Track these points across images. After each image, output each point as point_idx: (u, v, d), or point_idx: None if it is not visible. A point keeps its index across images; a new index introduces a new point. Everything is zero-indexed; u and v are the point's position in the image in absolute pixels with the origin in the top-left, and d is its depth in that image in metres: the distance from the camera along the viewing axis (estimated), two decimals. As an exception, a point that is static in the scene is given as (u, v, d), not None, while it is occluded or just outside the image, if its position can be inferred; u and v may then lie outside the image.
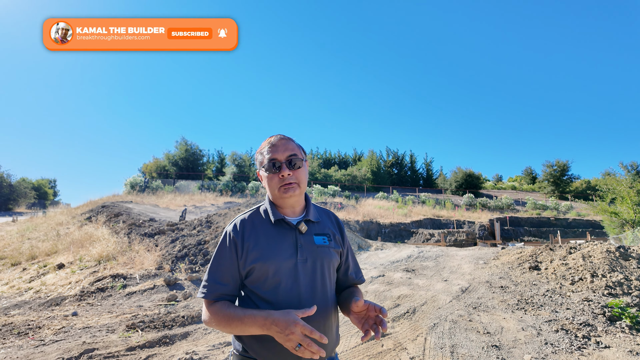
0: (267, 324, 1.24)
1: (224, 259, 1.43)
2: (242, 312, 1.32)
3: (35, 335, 4.99)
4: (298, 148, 1.52)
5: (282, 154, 1.45)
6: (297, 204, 1.53)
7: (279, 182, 1.44)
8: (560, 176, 41.88)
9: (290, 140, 1.53)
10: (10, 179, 39.74)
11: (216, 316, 1.36)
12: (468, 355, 3.84)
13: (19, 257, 11.52)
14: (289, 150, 1.47)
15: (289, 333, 1.19)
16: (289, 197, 1.45)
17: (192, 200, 25.09)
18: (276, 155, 1.45)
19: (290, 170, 1.44)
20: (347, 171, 41.09)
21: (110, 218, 15.55)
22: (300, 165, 1.48)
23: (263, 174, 1.50)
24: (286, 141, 1.50)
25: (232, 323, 1.32)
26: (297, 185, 1.46)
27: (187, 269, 8.57)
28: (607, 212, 16.54)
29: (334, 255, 1.53)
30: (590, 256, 7.51)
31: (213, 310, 1.38)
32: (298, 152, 1.50)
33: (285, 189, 1.44)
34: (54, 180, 62.95)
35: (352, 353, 3.97)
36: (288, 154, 1.46)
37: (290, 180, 1.44)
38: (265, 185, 1.50)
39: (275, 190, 1.46)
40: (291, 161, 1.45)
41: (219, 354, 4.07)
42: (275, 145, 1.47)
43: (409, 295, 6.37)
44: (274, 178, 1.45)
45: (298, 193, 1.47)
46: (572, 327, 4.54)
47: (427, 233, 18.68)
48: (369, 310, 1.35)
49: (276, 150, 1.46)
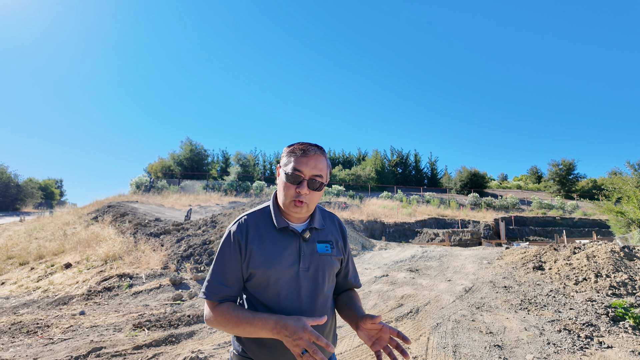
0: (278, 328, 1.22)
1: (227, 259, 1.40)
2: (252, 315, 1.30)
3: (44, 334, 5.08)
4: (327, 169, 1.45)
5: (310, 170, 1.37)
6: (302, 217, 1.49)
7: (294, 195, 1.39)
8: (566, 175, 41.63)
9: (324, 157, 1.44)
10: (17, 179, 40.20)
11: (223, 317, 1.34)
12: (470, 355, 3.87)
13: (27, 257, 11.67)
14: (317, 170, 1.39)
15: (297, 338, 1.18)
16: (296, 212, 1.41)
17: (197, 200, 25.22)
18: (304, 168, 1.37)
19: (308, 190, 1.38)
20: (351, 171, 41.02)
21: (116, 218, 15.68)
22: (320, 188, 1.42)
23: (282, 177, 1.43)
24: (319, 157, 1.41)
25: (240, 325, 1.30)
26: (306, 206, 1.40)
27: (193, 269, 8.64)
28: (613, 211, 16.42)
29: (335, 263, 1.51)
30: (595, 256, 7.49)
31: (219, 312, 1.35)
32: (325, 174, 1.43)
33: (295, 205, 1.39)
34: (61, 180, 63.74)
35: (355, 352, 4.01)
36: (315, 172, 1.38)
37: (303, 199, 1.38)
38: (279, 188, 1.45)
39: (286, 200, 1.41)
40: (314, 181, 1.39)
41: (224, 352, 4.13)
42: (308, 157, 1.38)
43: (413, 295, 6.40)
44: (291, 189, 1.39)
45: (305, 211, 1.42)
46: (575, 327, 4.54)
47: (432, 233, 18.66)
48: (382, 331, 1.31)
49: (306, 162, 1.37)
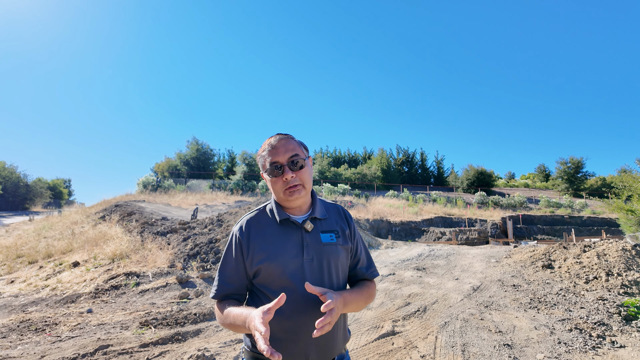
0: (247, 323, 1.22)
1: (231, 260, 1.44)
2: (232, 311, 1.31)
3: (52, 332, 5.10)
4: (299, 146, 1.46)
5: (284, 156, 1.39)
6: (303, 204, 1.49)
7: (283, 185, 1.39)
8: (574, 173, 41.13)
9: (291, 138, 1.46)
10: (26, 179, 40.70)
11: (219, 314, 1.39)
12: (479, 354, 3.81)
13: (36, 256, 11.78)
14: (290, 151, 1.40)
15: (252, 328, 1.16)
16: (294, 199, 1.41)
17: (203, 199, 25.32)
18: (277, 157, 1.39)
19: (293, 172, 1.39)
20: (357, 169, 40.91)
21: (124, 217, 15.78)
22: (304, 165, 1.42)
23: (267, 177, 1.44)
24: (286, 141, 1.43)
25: (226, 321, 1.34)
26: (302, 187, 1.41)
27: (199, 267, 8.66)
28: (622, 209, 16.18)
29: (342, 252, 1.48)
30: (605, 254, 7.37)
31: (218, 309, 1.41)
32: (300, 151, 1.44)
33: (291, 192, 1.40)
34: (69, 180, 64.34)
35: (362, 351, 3.98)
36: (289, 155, 1.39)
37: (294, 182, 1.39)
38: (270, 187, 1.45)
39: (280, 194, 1.42)
40: (294, 161, 1.39)
41: (230, 350, 4.11)
42: (276, 146, 1.40)
43: (420, 293, 6.34)
44: (278, 181, 1.40)
45: (304, 194, 1.42)
46: (586, 327, 4.47)
47: (438, 231, 18.55)
48: None
49: (277, 152, 1.39)
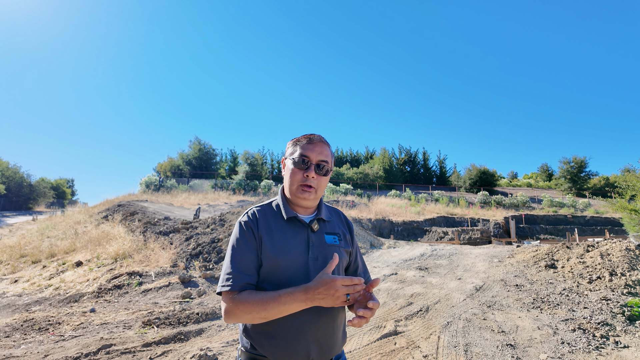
0: (310, 295, 1.22)
1: (244, 248, 1.39)
2: (276, 293, 1.27)
3: (55, 331, 5.12)
4: (331, 157, 1.52)
5: (316, 156, 1.45)
6: (310, 206, 1.53)
7: (302, 180, 1.44)
8: (577, 173, 40.91)
9: (329, 146, 1.52)
10: (30, 179, 40.83)
11: (246, 304, 1.28)
12: (482, 354, 3.80)
13: (39, 255, 11.83)
14: (324, 155, 1.46)
15: (334, 292, 1.19)
16: (304, 198, 1.45)
17: (205, 198, 25.37)
18: (310, 153, 1.44)
19: (316, 174, 1.44)
20: (359, 169, 40.84)
21: (126, 217, 15.83)
22: (327, 174, 1.48)
23: (288, 165, 1.48)
24: (324, 145, 1.49)
25: (267, 306, 1.25)
26: (314, 191, 1.45)
27: (201, 267, 8.67)
28: (626, 209, 16.09)
29: (344, 254, 1.53)
30: (609, 254, 7.34)
31: (241, 300, 1.30)
32: (330, 160, 1.50)
33: (303, 190, 1.44)
34: (72, 179, 64.57)
35: (364, 351, 3.97)
36: (322, 157, 1.46)
37: (311, 183, 1.44)
38: (286, 176, 1.49)
39: (293, 186, 1.45)
40: (321, 165, 1.46)
41: (233, 350, 4.12)
42: (314, 143, 1.46)
43: (422, 293, 6.33)
44: (298, 174, 1.44)
45: (313, 198, 1.47)
46: (589, 327, 4.44)
47: (441, 231, 18.50)
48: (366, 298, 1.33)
49: (312, 149, 1.45)
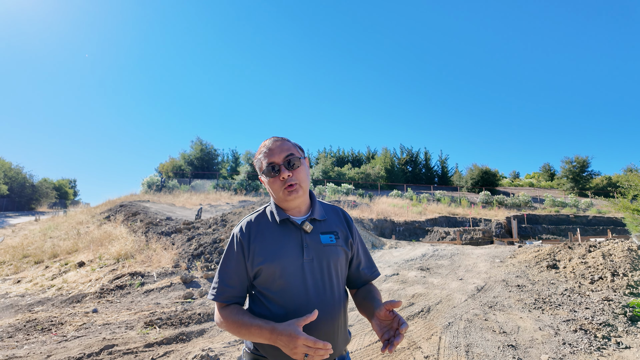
0: (273, 337, 1.24)
1: (232, 261, 1.44)
2: (250, 321, 1.32)
3: (57, 331, 5.15)
4: (294, 147, 1.51)
5: (279, 156, 1.44)
6: (302, 204, 1.52)
7: (281, 184, 1.43)
8: (579, 172, 40.82)
9: (285, 140, 1.51)
10: (32, 180, 40.97)
11: (226, 321, 1.38)
12: (483, 354, 3.80)
13: (42, 255, 11.87)
14: (285, 151, 1.45)
15: (292, 347, 1.19)
16: (293, 199, 1.45)
17: (207, 199, 25.41)
18: (273, 158, 1.44)
19: (289, 171, 1.43)
20: (361, 169, 40.81)
21: (128, 217, 15.87)
22: (299, 165, 1.46)
23: (264, 180, 1.48)
24: (281, 142, 1.48)
25: (240, 330, 1.33)
26: (299, 186, 1.44)
27: (203, 267, 8.69)
28: (629, 209, 16.04)
29: (342, 253, 1.51)
30: (611, 254, 7.32)
31: (224, 315, 1.39)
32: (295, 151, 1.48)
33: (289, 192, 1.43)
34: (74, 180, 64.67)
35: (365, 352, 3.98)
36: (284, 155, 1.44)
37: (291, 181, 1.43)
38: (268, 189, 1.49)
39: (279, 194, 1.45)
40: (289, 162, 1.44)
41: (234, 350, 4.13)
42: (271, 148, 1.46)
43: (424, 294, 6.33)
44: (276, 181, 1.44)
45: (302, 194, 1.46)
46: (591, 327, 4.44)
47: (443, 231, 18.49)
48: (394, 321, 1.32)
49: (272, 153, 1.44)
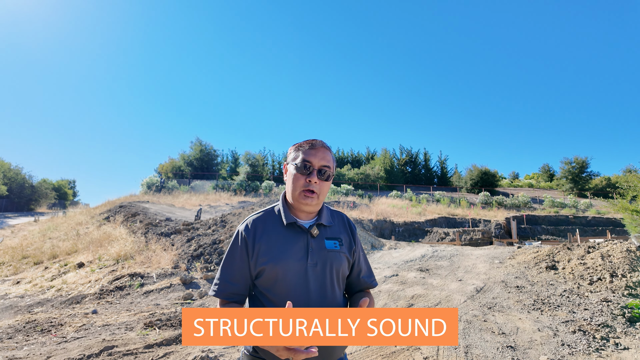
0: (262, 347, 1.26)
1: (236, 258, 1.45)
2: None
3: (57, 332, 5.15)
4: (333, 162, 1.52)
5: (319, 161, 1.44)
6: (312, 211, 1.52)
7: (304, 185, 1.44)
8: (579, 173, 40.82)
9: (331, 151, 1.52)
10: (31, 180, 40.91)
11: None
12: (482, 355, 3.81)
13: (41, 256, 11.87)
14: (326, 161, 1.46)
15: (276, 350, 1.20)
16: (306, 204, 1.45)
17: (207, 199, 25.40)
18: (312, 159, 1.44)
19: (318, 179, 1.44)
20: (360, 170, 40.79)
21: (128, 218, 15.86)
22: (329, 179, 1.48)
23: (290, 170, 1.48)
24: (326, 150, 1.49)
25: None
26: (317, 196, 1.45)
27: (203, 268, 8.70)
28: (628, 210, 16.07)
29: (344, 260, 1.52)
30: (610, 255, 7.34)
31: None
32: (332, 166, 1.50)
33: (306, 196, 1.44)
34: (74, 180, 64.64)
35: (365, 353, 3.99)
36: (324, 163, 1.45)
37: (313, 188, 1.43)
38: (288, 182, 1.49)
39: (296, 192, 1.45)
40: (324, 171, 1.45)
41: (234, 352, 4.13)
42: (316, 148, 1.46)
43: (423, 295, 6.34)
44: (301, 179, 1.44)
45: (316, 204, 1.46)
46: (590, 328, 4.45)
47: (442, 232, 18.50)
48: None
49: (315, 154, 1.45)
